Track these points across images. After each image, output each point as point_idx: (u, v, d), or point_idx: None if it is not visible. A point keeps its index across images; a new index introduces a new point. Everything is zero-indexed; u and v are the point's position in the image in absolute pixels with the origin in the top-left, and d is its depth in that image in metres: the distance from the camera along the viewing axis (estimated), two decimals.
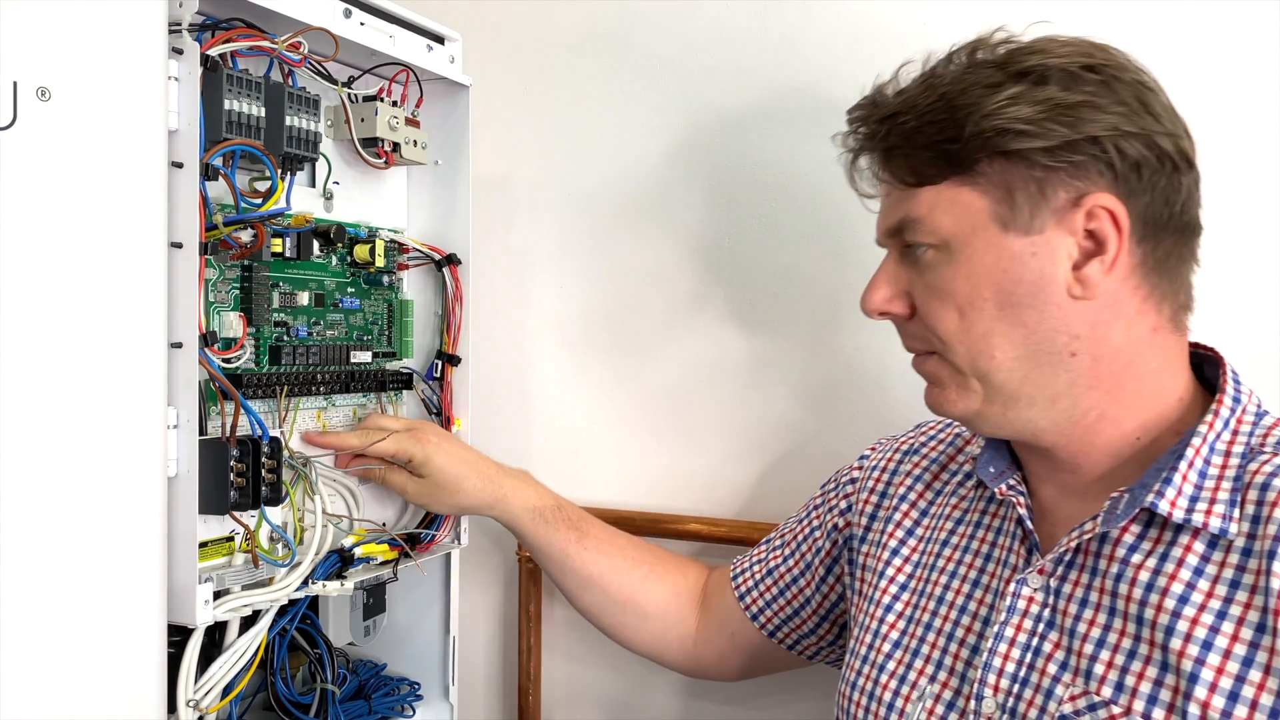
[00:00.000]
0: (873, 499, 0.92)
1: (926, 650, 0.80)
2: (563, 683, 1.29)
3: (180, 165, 0.78)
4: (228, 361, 0.86)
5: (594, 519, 1.07)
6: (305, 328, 0.95)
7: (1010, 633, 0.74)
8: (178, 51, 0.78)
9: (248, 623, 0.89)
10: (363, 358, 1.00)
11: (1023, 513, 0.77)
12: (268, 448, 0.85)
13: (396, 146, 0.99)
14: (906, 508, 0.88)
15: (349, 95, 0.97)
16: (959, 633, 0.78)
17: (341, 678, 1.03)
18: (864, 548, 0.90)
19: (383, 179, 1.06)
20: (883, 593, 0.85)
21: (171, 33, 0.77)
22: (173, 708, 0.82)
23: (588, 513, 1.08)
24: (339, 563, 0.93)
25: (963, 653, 0.77)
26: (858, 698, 0.82)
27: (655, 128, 1.21)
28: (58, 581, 0.71)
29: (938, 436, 0.92)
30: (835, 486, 0.98)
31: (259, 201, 0.86)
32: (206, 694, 0.85)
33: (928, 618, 0.81)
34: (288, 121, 0.86)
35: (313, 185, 0.98)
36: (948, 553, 0.83)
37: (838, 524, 0.95)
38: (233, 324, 0.86)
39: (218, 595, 0.82)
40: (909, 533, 0.87)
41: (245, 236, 0.85)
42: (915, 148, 0.73)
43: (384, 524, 1.04)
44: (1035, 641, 0.73)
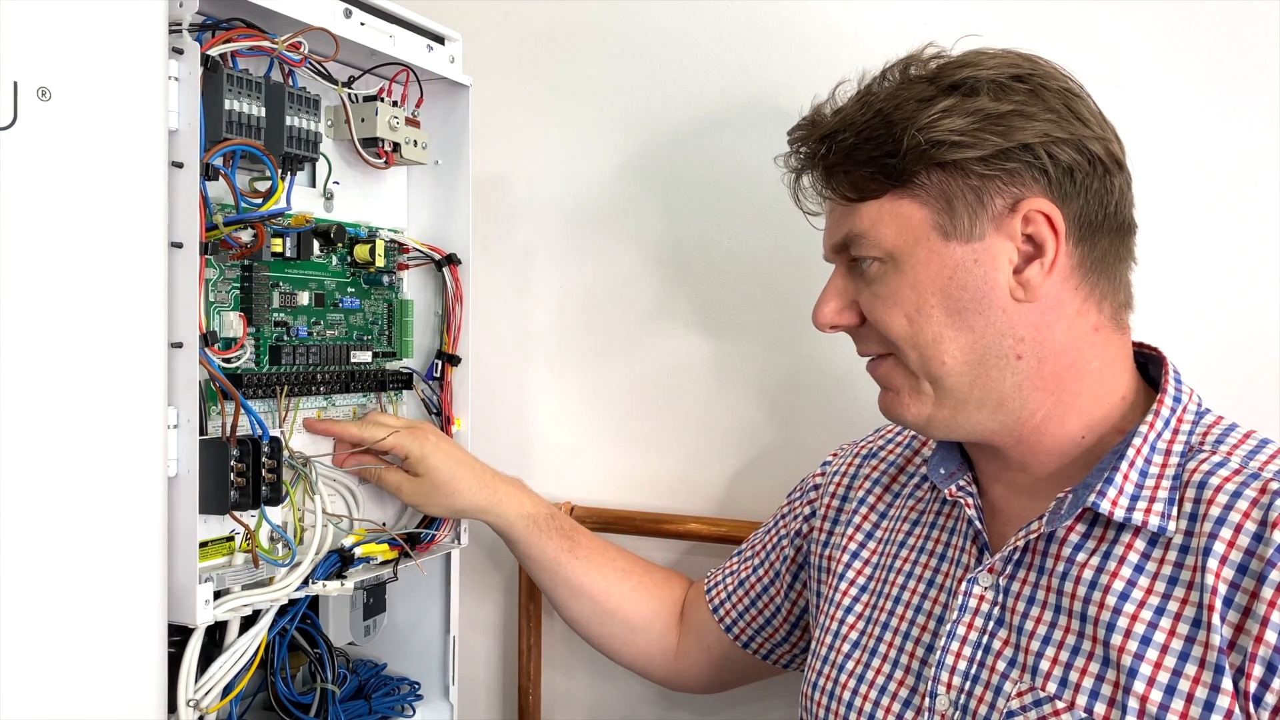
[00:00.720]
0: (834, 503, 0.93)
1: (884, 649, 0.81)
2: (563, 682, 1.29)
3: (180, 165, 0.78)
4: (228, 361, 0.86)
5: (584, 529, 1.08)
6: (305, 328, 0.95)
7: (962, 631, 0.76)
8: (178, 51, 0.78)
9: (248, 622, 0.89)
10: (363, 358, 1.00)
11: (972, 513, 0.78)
12: (268, 447, 0.85)
13: (396, 146, 0.99)
14: (866, 510, 0.90)
15: (349, 95, 0.97)
16: (915, 632, 0.80)
17: (341, 678, 1.03)
18: (826, 551, 0.92)
19: (383, 179, 1.06)
20: (843, 595, 0.86)
21: (172, 33, 0.77)
22: (173, 707, 0.82)
23: (579, 523, 1.09)
24: (339, 562, 0.93)
25: (918, 651, 0.79)
26: (818, 697, 0.84)
27: (656, 127, 1.20)
28: (58, 581, 0.71)
29: (895, 440, 0.94)
30: (800, 494, 0.99)
31: (259, 201, 0.86)
32: (207, 694, 0.85)
33: (885, 617, 0.82)
34: (288, 121, 0.87)
35: (313, 185, 0.98)
36: (904, 554, 0.84)
37: (801, 530, 0.96)
38: (233, 324, 0.86)
39: (218, 595, 0.82)
40: (868, 535, 0.88)
41: (245, 236, 0.85)
42: (855, 164, 0.75)
43: (384, 524, 1.04)
44: (985, 639, 0.74)
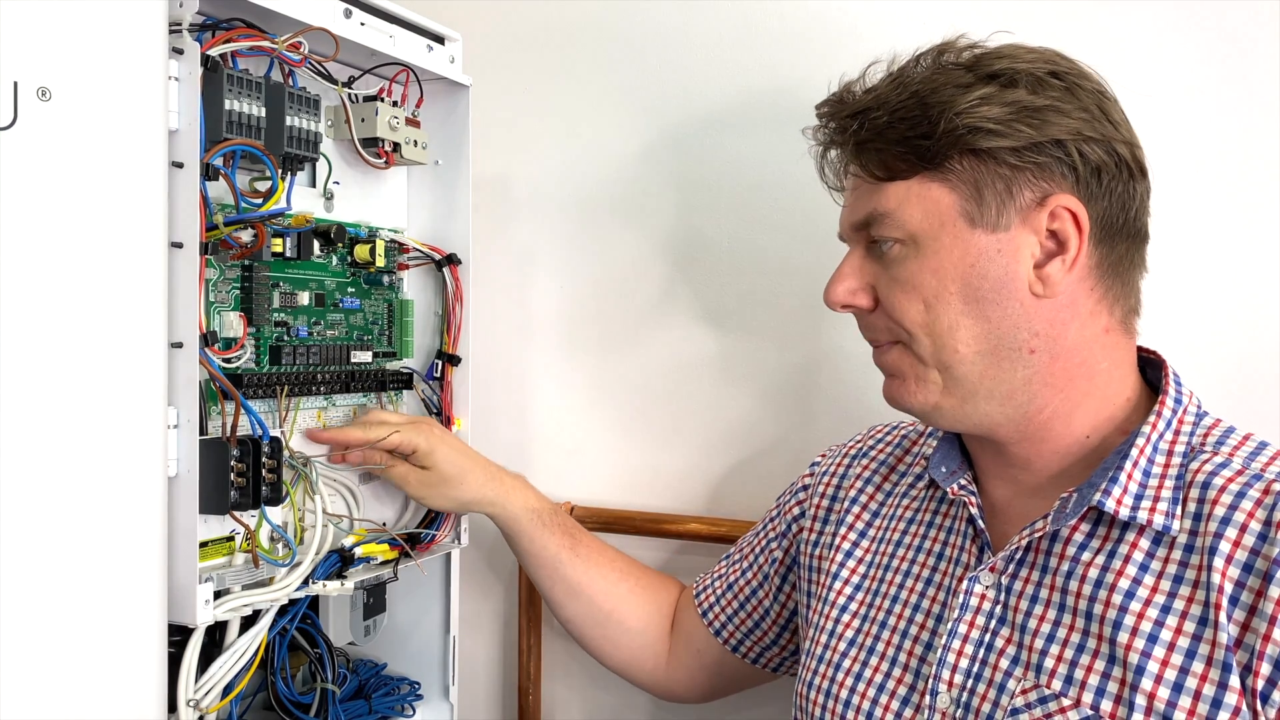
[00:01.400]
0: (824, 503, 0.93)
1: (881, 648, 0.81)
2: (563, 682, 1.29)
3: (181, 165, 0.78)
4: (228, 361, 0.86)
5: (584, 529, 1.08)
6: (305, 328, 0.95)
7: (963, 629, 0.76)
8: (178, 51, 0.78)
9: (248, 622, 0.89)
10: (363, 357, 1.00)
11: (974, 512, 0.78)
12: (268, 447, 0.85)
13: (397, 146, 0.99)
14: (858, 510, 0.90)
15: (349, 95, 0.97)
16: (913, 630, 0.80)
17: (341, 677, 1.03)
18: (816, 551, 0.92)
19: (383, 179, 1.06)
20: (837, 594, 0.86)
21: (172, 33, 0.77)
22: (173, 707, 0.82)
23: (579, 523, 1.09)
24: (339, 562, 0.93)
25: (917, 649, 0.79)
26: (814, 695, 0.84)
27: (656, 127, 1.20)
28: (58, 581, 0.71)
29: (885, 439, 0.94)
30: (789, 496, 0.99)
31: (259, 201, 0.86)
32: (207, 693, 0.85)
33: (882, 616, 0.82)
34: (288, 121, 0.87)
35: (313, 185, 0.98)
36: (901, 552, 0.84)
37: (790, 531, 0.96)
38: (233, 324, 0.86)
39: (218, 595, 0.82)
40: (861, 534, 0.88)
41: (245, 236, 0.85)
42: (887, 142, 0.74)
43: (384, 524, 1.04)
44: (988, 637, 0.74)
